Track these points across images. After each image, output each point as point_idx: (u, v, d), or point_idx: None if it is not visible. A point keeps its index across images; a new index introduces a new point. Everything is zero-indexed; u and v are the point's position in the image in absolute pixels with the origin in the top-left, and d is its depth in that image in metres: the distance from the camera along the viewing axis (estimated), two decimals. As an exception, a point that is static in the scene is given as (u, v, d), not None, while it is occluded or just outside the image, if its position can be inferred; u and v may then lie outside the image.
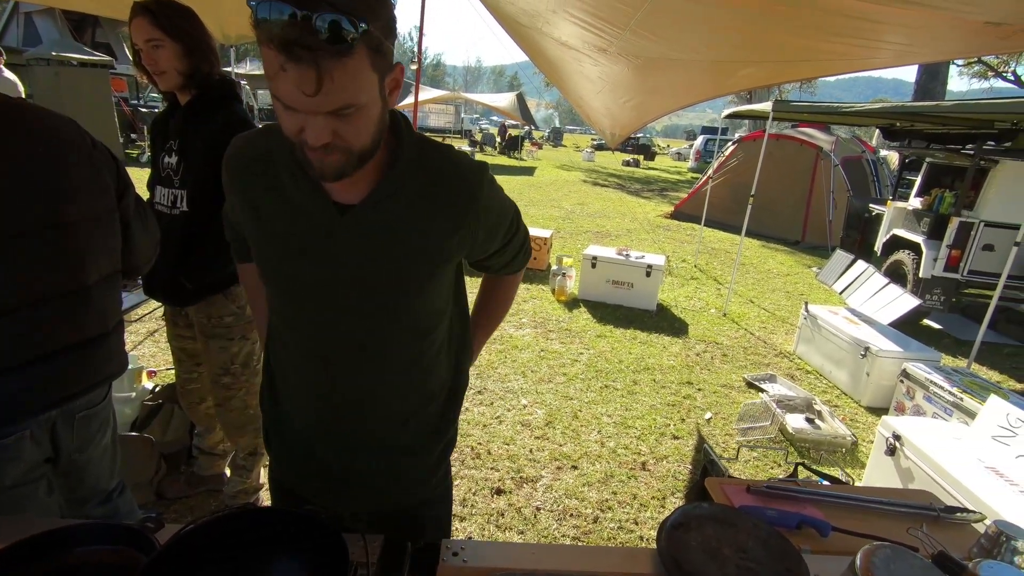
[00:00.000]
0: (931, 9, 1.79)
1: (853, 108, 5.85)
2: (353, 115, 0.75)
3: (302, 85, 0.70)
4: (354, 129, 0.77)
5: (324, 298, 0.94)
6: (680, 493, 2.79)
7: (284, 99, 0.72)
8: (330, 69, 0.69)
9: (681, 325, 5.29)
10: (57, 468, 1.35)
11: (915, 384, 3.51)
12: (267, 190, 0.93)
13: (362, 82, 0.74)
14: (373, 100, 0.77)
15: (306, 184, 0.89)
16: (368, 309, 0.95)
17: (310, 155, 0.78)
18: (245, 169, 0.96)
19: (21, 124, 1.18)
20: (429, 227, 0.92)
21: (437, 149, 0.95)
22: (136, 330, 3.93)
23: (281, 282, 0.97)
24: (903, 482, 2.49)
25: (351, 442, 1.05)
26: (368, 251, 0.91)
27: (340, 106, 0.73)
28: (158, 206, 1.89)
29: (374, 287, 0.93)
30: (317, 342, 0.99)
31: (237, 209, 1.01)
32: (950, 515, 1.22)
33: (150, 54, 1.72)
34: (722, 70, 3.05)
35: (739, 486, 1.28)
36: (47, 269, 1.20)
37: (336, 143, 0.77)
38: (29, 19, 14.89)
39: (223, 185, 1.02)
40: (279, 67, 0.69)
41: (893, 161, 12.06)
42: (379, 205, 0.89)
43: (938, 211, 5.83)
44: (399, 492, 1.12)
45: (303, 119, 0.74)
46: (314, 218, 0.90)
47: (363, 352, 0.98)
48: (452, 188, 0.93)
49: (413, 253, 0.93)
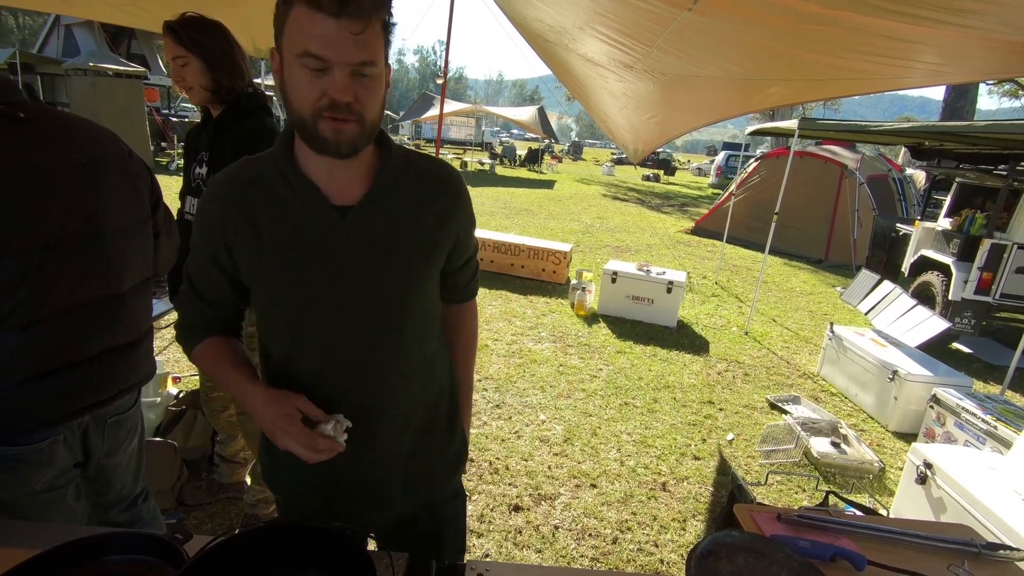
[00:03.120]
0: (966, 29, 1.76)
1: (881, 127, 5.77)
2: (370, 81, 0.84)
3: (353, 28, 0.79)
4: (369, 95, 0.85)
5: (332, 302, 0.95)
6: (702, 516, 2.73)
7: (328, 53, 0.79)
8: (369, 21, 0.80)
9: (702, 343, 5.23)
10: (86, 473, 1.37)
11: (945, 410, 3.41)
12: (265, 204, 0.94)
13: (379, 48, 0.84)
14: (381, 73, 0.87)
15: (303, 191, 0.93)
16: (374, 309, 0.97)
17: (328, 125, 0.84)
18: (238, 190, 0.96)
19: (64, 135, 1.22)
20: (422, 222, 0.99)
21: (419, 154, 1.05)
22: (162, 336, 4.00)
23: (287, 296, 0.96)
24: (935, 512, 2.41)
25: (366, 452, 1.03)
26: (371, 249, 0.95)
27: (367, 59, 0.82)
28: (187, 215, 1.93)
29: (380, 284, 0.96)
30: (325, 354, 0.99)
31: (229, 238, 0.95)
32: (992, 552, 1.17)
33: (178, 71, 1.79)
34: (749, 88, 3.04)
35: (769, 514, 1.24)
36: (85, 277, 1.22)
37: (354, 107, 0.83)
38: (69, 31, 15.45)
39: (201, 230, 0.98)
40: (327, 23, 0.78)
41: (919, 180, 11.85)
42: (376, 204, 0.95)
43: (969, 232, 5.69)
44: (422, 494, 1.12)
45: (327, 82, 0.81)
46: (316, 222, 0.93)
47: (371, 356, 0.99)
48: (437, 186, 1.02)
49: (411, 247, 0.98)
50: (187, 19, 1.75)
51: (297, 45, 0.80)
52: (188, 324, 1.07)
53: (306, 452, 0.89)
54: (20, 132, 1.14)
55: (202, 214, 0.98)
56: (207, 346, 1.05)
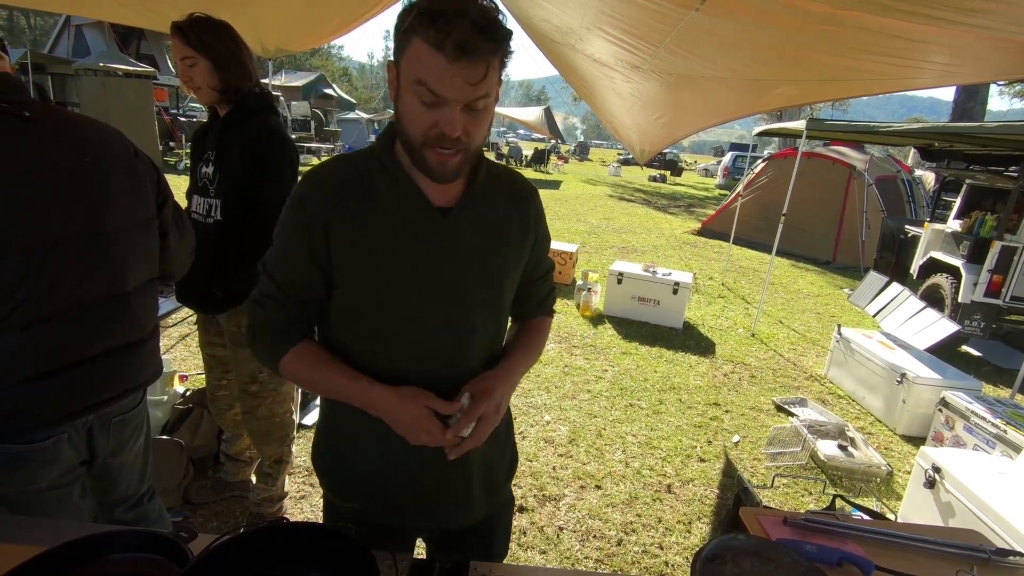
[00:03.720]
0: (978, 29, 1.74)
1: (890, 128, 5.73)
2: (481, 112, 0.86)
3: (470, 77, 0.80)
4: (478, 126, 0.87)
5: (426, 298, 0.96)
6: (707, 518, 2.72)
7: (444, 92, 0.81)
8: (491, 63, 0.82)
9: (708, 344, 5.20)
10: (91, 471, 1.37)
11: (954, 414, 3.37)
12: (370, 203, 0.95)
13: (495, 80, 0.85)
14: (494, 101, 0.88)
15: (407, 192, 0.95)
16: (465, 308, 0.98)
17: (435, 156, 0.86)
18: (338, 184, 0.95)
19: (67, 134, 1.22)
20: (510, 228, 1.02)
21: (498, 165, 1.08)
22: (169, 334, 4.02)
23: (380, 291, 0.95)
24: (943, 517, 2.38)
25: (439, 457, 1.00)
26: (468, 249, 0.98)
27: (483, 94, 0.83)
28: (194, 215, 1.94)
29: (471, 284, 0.98)
30: (413, 350, 0.98)
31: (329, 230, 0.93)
32: (1002, 558, 1.15)
33: (186, 72, 1.80)
34: (757, 88, 3.02)
35: (775, 517, 1.23)
36: (89, 276, 1.23)
37: (462, 139, 0.85)
38: (79, 31, 15.58)
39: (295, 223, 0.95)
40: (445, 64, 0.79)
41: (929, 181, 11.75)
42: (472, 208, 0.98)
43: (979, 234, 5.64)
44: (487, 500, 1.13)
45: (439, 114, 0.83)
46: (419, 223, 0.95)
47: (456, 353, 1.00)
48: (520, 195, 1.06)
49: (504, 250, 1.01)
50: (195, 20, 1.76)
51: (414, 73, 0.82)
52: (271, 329, 0.99)
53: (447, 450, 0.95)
54: (24, 131, 1.14)
55: (297, 208, 0.95)
56: (301, 353, 0.99)
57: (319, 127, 19.27)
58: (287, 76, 20.80)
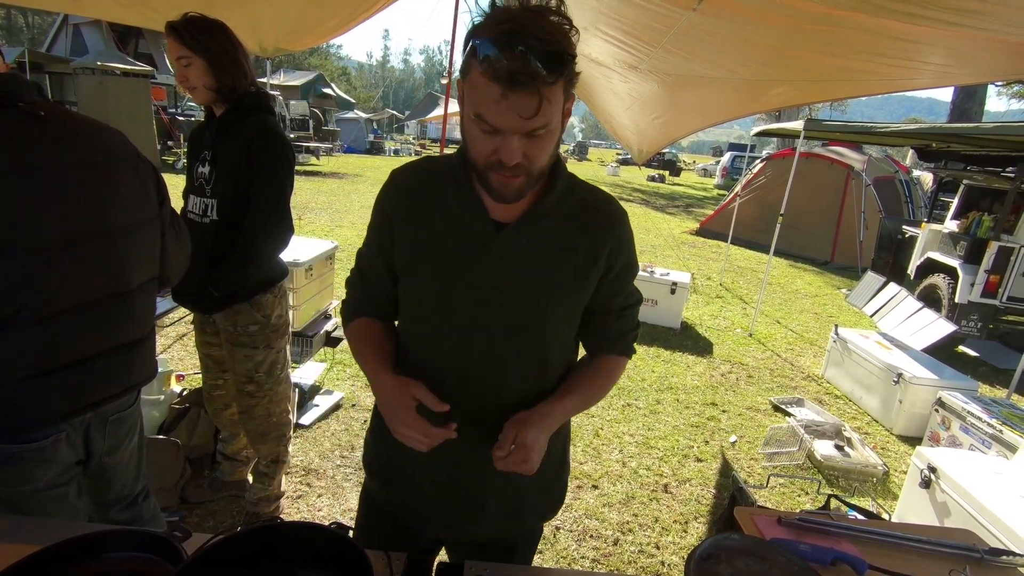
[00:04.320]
0: (975, 31, 1.75)
1: (888, 128, 5.74)
2: (543, 136, 0.83)
3: (523, 111, 0.78)
4: (540, 150, 0.85)
5: (472, 310, 0.97)
6: (703, 518, 2.72)
7: (499, 124, 0.80)
8: (546, 94, 0.78)
9: (706, 344, 5.21)
10: (87, 471, 1.37)
11: (951, 414, 3.38)
12: (434, 204, 0.98)
13: (556, 105, 0.82)
14: (558, 124, 0.85)
15: (469, 201, 0.96)
16: (510, 325, 0.98)
17: (496, 178, 0.86)
18: (413, 184, 1.01)
19: (78, 134, 1.23)
20: (574, 249, 0.98)
21: (586, 184, 1.04)
22: (166, 334, 4.01)
23: (431, 297, 1.00)
24: (939, 517, 2.39)
25: (485, 466, 0.98)
26: (517, 266, 0.96)
27: (540, 125, 0.81)
28: (190, 214, 1.93)
29: (518, 302, 0.97)
30: (458, 359, 0.99)
31: (395, 226, 1.00)
32: (995, 557, 1.16)
33: (181, 72, 1.79)
34: (754, 88, 3.02)
35: (770, 517, 1.24)
36: (92, 275, 1.23)
37: (523, 164, 0.84)
38: (77, 30, 15.55)
39: (376, 215, 1.04)
40: (499, 95, 0.76)
41: (927, 182, 11.78)
42: (530, 225, 0.96)
43: (976, 235, 5.66)
44: (507, 522, 1.11)
45: (498, 142, 0.82)
46: (474, 232, 0.96)
47: (497, 371, 1.00)
48: (597, 216, 1.00)
49: (557, 271, 0.98)
50: (189, 19, 1.75)
51: (473, 104, 0.81)
52: (348, 300, 1.14)
53: (417, 442, 0.91)
54: (37, 130, 1.15)
55: (380, 200, 1.03)
56: (360, 324, 1.11)
57: (317, 126, 19.25)
58: (285, 75, 20.78)
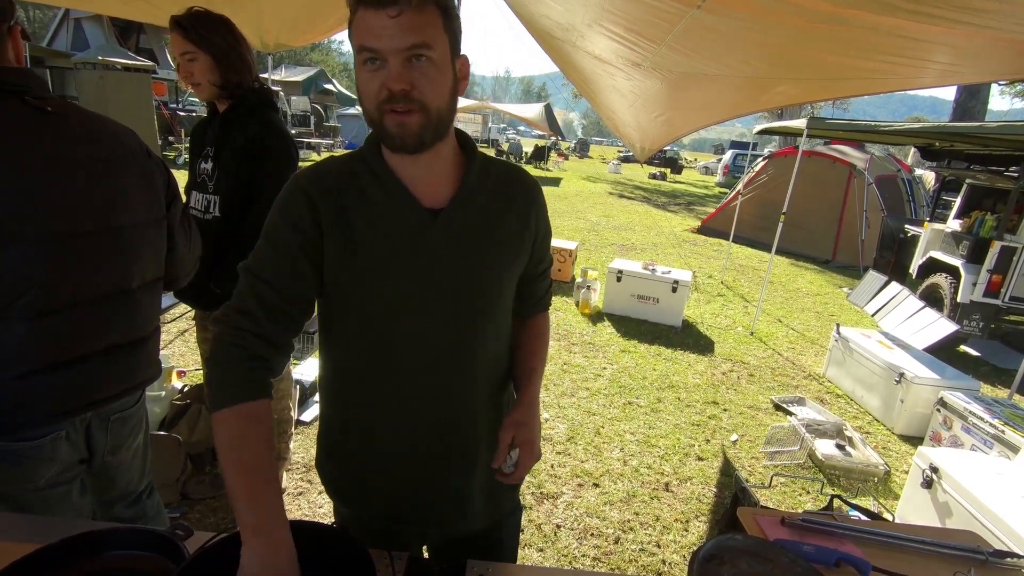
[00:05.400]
0: (980, 29, 1.73)
1: (891, 127, 5.71)
2: (427, 65, 0.83)
3: (401, 22, 0.80)
4: (427, 81, 0.84)
5: (420, 301, 0.95)
6: (705, 517, 2.72)
7: (377, 44, 0.81)
8: (417, 7, 0.81)
9: (707, 343, 5.21)
10: (90, 469, 1.37)
11: (952, 414, 3.38)
12: (356, 199, 0.93)
13: (434, 33, 0.83)
14: (445, 61, 0.86)
15: (393, 190, 0.94)
16: (460, 310, 0.97)
17: (391, 119, 0.84)
18: (327, 180, 0.93)
19: (87, 130, 1.23)
20: (505, 225, 1.00)
21: (496, 159, 1.06)
22: (168, 330, 4.01)
23: (376, 299, 0.94)
24: (940, 517, 2.39)
25: (445, 464, 1.02)
26: (462, 250, 0.95)
27: (417, 42, 0.81)
28: (192, 210, 1.93)
29: (469, 286, 0.97)
30: (421, 358, 0.97)
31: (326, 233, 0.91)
32: (1000, 559, 1.15)
33: (185, 67, 1.78)
34: (758, 86, 3.01)
35: (773, 517, 1.23)
36: (97, 271, 1.23)
37: (413, 95, 0.83)
38: (78, 25, 15.53)
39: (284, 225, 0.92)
40: (373, 16, 0.80)
41: (929, 181, 11.75)
42: (463, 207, 0.96)
43: (978, 234, 5.64)
44: (492, 509, 1.11)
45: (384, 74, 0.82)
46: (408, 223, 0.93)
47: (455, 358, 0.98)
48: (517, 190, 1.03)
49: (500, 249, 0.99)
50: (194, 14, 1.74)
51: (356, 43, 0.83)
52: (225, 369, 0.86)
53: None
54: (46, 124, 1.15)
55: (290, 209, 0.91)
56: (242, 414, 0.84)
57: (319, 123, 19.22)
58: (287, 71, 20.72)
